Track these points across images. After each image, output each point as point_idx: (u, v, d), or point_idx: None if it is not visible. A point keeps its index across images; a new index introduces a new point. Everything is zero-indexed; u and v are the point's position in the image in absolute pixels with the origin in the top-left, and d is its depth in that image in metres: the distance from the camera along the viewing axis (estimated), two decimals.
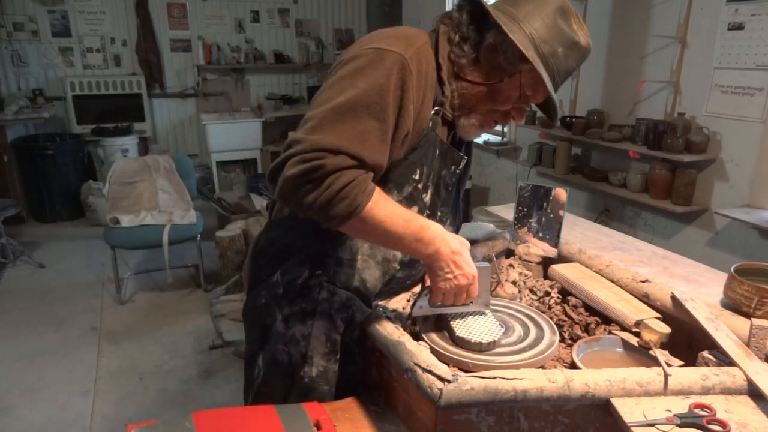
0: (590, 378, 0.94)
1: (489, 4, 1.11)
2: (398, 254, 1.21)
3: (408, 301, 1.29)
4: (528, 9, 1.09)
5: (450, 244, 1.07)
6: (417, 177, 1.16)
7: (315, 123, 0.99)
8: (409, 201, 1.16)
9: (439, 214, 1.26)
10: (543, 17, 1.08)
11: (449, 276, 1.08)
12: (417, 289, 1.32)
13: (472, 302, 1.16)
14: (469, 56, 1.13)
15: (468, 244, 1.12)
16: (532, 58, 1.05)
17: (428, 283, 1.21)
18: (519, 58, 1.07)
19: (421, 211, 1.18)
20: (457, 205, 1.38)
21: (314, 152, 0.95)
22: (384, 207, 1.01)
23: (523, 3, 1.10)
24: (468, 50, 1.12)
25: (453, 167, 1.23)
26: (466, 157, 1.24)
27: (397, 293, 1.29)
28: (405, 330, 1.13)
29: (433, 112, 1.14)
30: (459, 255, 1.08)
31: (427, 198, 1.20)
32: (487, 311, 1.19)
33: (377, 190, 1.01)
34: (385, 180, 1.12)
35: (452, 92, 1.16)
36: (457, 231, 1.44)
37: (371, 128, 1.00)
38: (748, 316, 1.15)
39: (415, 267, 1.27)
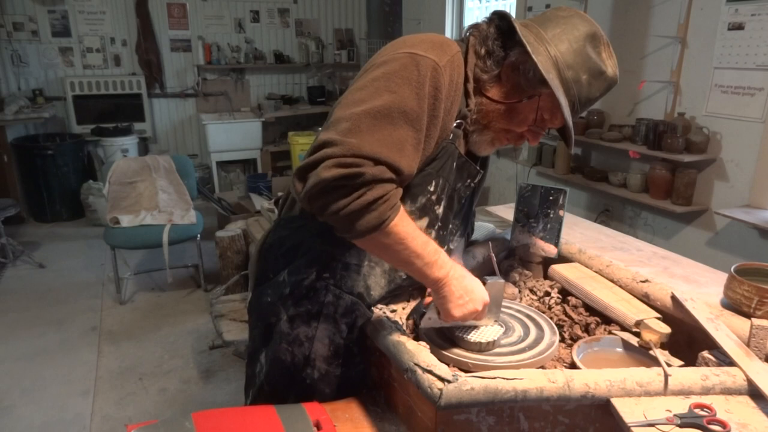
0: (590, 378, 0.94)
1: (518, 21, 1.08)
2: None
3: (408, 302, 1.29)
4: (557, 31, 1.06)
5: (457, 270, 1.06)
6: (432, 188, 1.13)
7: (351, 125, 0.95)
8: (421, 212, 1.14)
9: (450, 226, 1.24)
10: (571, 41, 1.06)
11: (460, 302, 1.06)
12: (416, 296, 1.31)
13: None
14: (492, 72, 1.10)
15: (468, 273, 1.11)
16: (552, 81, 1.03)
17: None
18: (539, 81, 1.04)
19: (432, 223, 1.17)
20: (468, 217, 1.36)
21: (354, 158, 0.92)
22: (407, 225, 1.00)
23: (552, 24, 1.07)
24: (491, 65, 1.10)
25: (468, 180, 1.20)
26: (482, 172, 1.22)
27: (399, 296, 1.29)
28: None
29: (455, 125, 1.11)
30: (467, 279, 1.07)
31: (440, 210, 1.18)
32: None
33: (401, 207, 1.00)
34: None
35: (474, 106, 1.13)
36: (467, 240, 1.43)
37: (408, 137, 0.98)
38: (748, 316, 1.15)
39: None
